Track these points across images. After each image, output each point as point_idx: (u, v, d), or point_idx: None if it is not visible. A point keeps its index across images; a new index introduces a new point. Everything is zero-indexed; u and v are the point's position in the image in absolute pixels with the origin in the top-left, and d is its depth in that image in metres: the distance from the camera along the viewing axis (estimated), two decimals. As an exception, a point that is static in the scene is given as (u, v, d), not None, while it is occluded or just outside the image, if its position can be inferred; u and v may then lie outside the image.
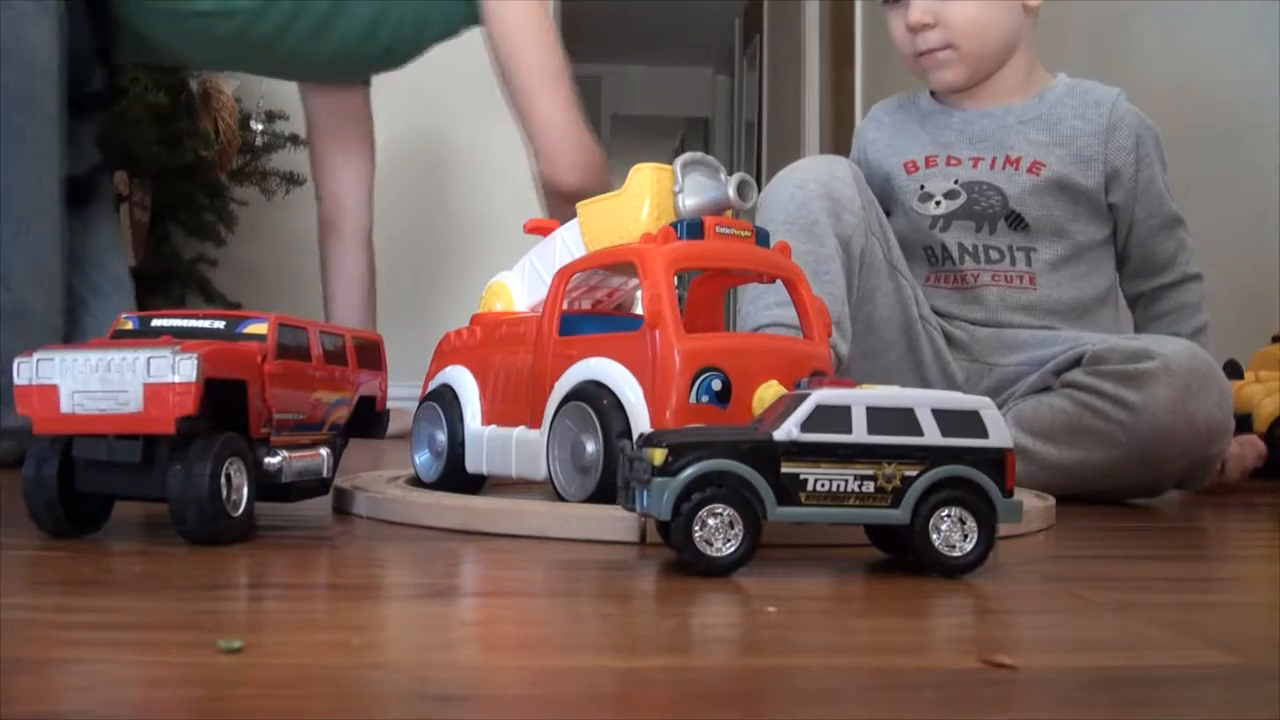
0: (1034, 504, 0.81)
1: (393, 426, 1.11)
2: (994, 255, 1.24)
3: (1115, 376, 1.04)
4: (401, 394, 1.13)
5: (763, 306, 1.13)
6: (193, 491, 0.59)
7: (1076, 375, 1.07)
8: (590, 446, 0.72)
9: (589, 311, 0.89)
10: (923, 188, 1.27)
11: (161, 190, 2.06)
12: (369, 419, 0.79)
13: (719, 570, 0.55)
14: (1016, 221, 1.23)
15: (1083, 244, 1.24)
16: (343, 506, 0.80)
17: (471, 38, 1.66)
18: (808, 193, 1.18)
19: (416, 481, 0.88)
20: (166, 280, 2.16)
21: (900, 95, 1.37)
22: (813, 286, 1.11)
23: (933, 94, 1.33)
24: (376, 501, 0.77)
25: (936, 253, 1.27)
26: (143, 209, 2.00)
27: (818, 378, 0.62)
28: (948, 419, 0.56)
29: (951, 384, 1.22)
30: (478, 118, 2.61)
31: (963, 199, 1.24)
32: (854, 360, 1.16)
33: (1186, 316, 1.26)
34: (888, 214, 1.29)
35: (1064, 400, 1.06)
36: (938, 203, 1.25)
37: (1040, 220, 1.22)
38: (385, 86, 2.64)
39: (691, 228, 0.74)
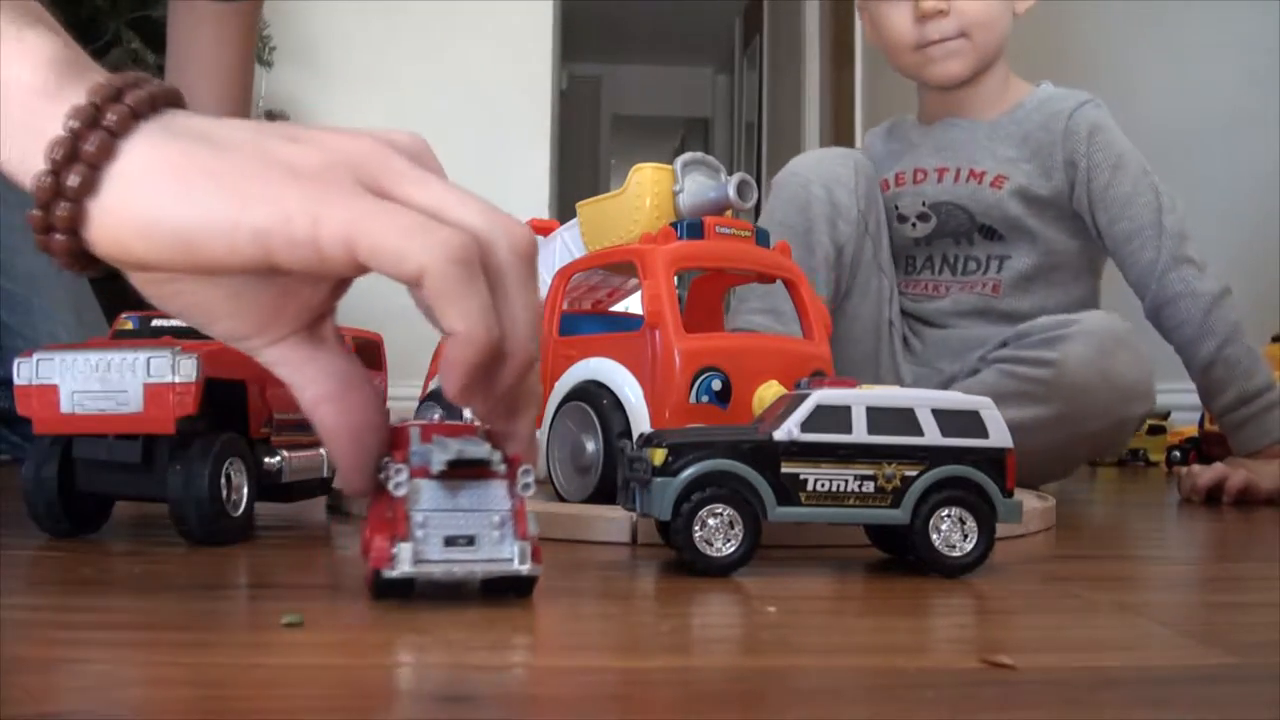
0: (1034, 504, 0.81)
1: None
2: (971, 266, 1.26)
3: (1035, 343, 1.07)
4: (402, 393, 1.13)
5: (744, 310, 1.16)
6: (193, 492, 0.59)
7: (1002, 352, 1.10)
8: (590, 446, 0.72)
9: (589, 311, 0.89)
10: (897, 208, 1.29)
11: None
12: None
13: (719, 570, 0.55)
14: (989, 233, 1.25)
15: (1058, 252, 1.23)
16: (340, 507, 0.80)
17: (486, 54, 1.65)
18: (810, 195, 1.22)
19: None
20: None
21: (891, 120, 1.39)
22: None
23: (918, 116, 1.34)
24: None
25: (917, 264, 1.30)
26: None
27: (818, 378, 0.62)
28: (948, 419, 0.56)
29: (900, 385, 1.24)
30: (480, 118, 2.61)
31: (934, 222, 1.27)
32: None
33: (1191, 353, 1.13)
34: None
35: (990, 374, 1.08)
36: (913, 225, 1.28)
37: (1011, 229, 1.23)
38: (394, 88, 2.65)
39: (691, 228, 0.74)
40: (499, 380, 0.43)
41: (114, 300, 1.25)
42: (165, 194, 0.41)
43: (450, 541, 0.45)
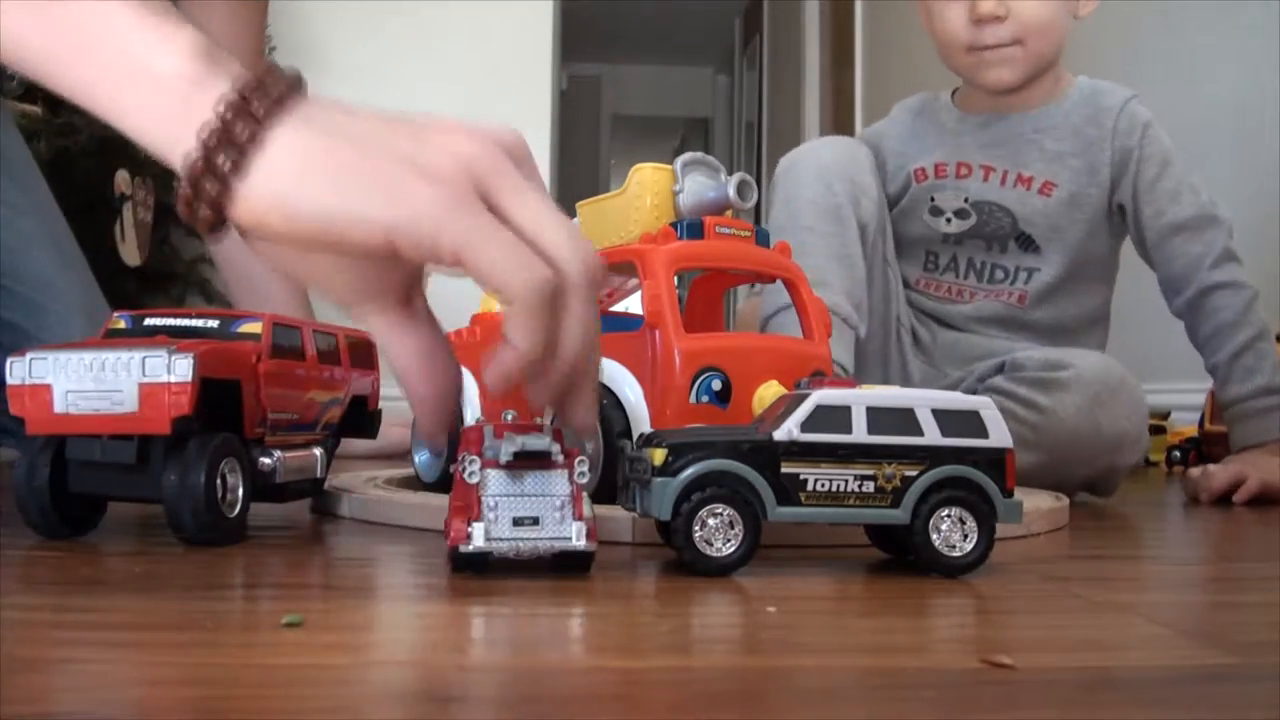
0: (1045, 504, 0.81)
1: (383, 443, 1.07)
2: (999, 275, 1.25)
3: (1029, 382, 1.06)
4: (398, 393, 1.13)
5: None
6: (189, 494, 0.59)
7: (996, 381, 1.09)
8: (590, 446, 0.72)
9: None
10: (933, 200, 1.26)
11: (163, 190, 2.06)
12: (361, 419, 0.78)
13: (719, 570, 0.55)
14: (1026, 242, 1.23)
15: (1087, 259, 1.23)
16: (329, 508, 0.79)
17: (486, 54, 1.65)
18: (833, 175, 1.20)
19: (412, 482, 0.88)
20: (167, 280, 2.16)
21: (923, 95, 1.34)
22: (838, 270, 1.15)
23: (953, 95, 1.32)
24: (367, 503, 0.76)
25: (940, 263, 1.27)
26: (146, 209, 1.99)
27: (818, 378, 0.62)
28: (948, 419, 0.56)
29: (908, 384, 1.23)
30: (480, 117, 2.61)
31: (973, 220, 1.24)
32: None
33: (1224, 338, 1.13)
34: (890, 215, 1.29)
35: None
36: (949, 220, 1.25)
37: (1050, 239, 1.22)
38: (394, 88, 2.64)
39: (691, 228, 0.74)
40: (547, 375, 0.50)
41: (121, 302, 1.24)
42: (309, 184, 0.45)
43: (518, 522, 0.52)
